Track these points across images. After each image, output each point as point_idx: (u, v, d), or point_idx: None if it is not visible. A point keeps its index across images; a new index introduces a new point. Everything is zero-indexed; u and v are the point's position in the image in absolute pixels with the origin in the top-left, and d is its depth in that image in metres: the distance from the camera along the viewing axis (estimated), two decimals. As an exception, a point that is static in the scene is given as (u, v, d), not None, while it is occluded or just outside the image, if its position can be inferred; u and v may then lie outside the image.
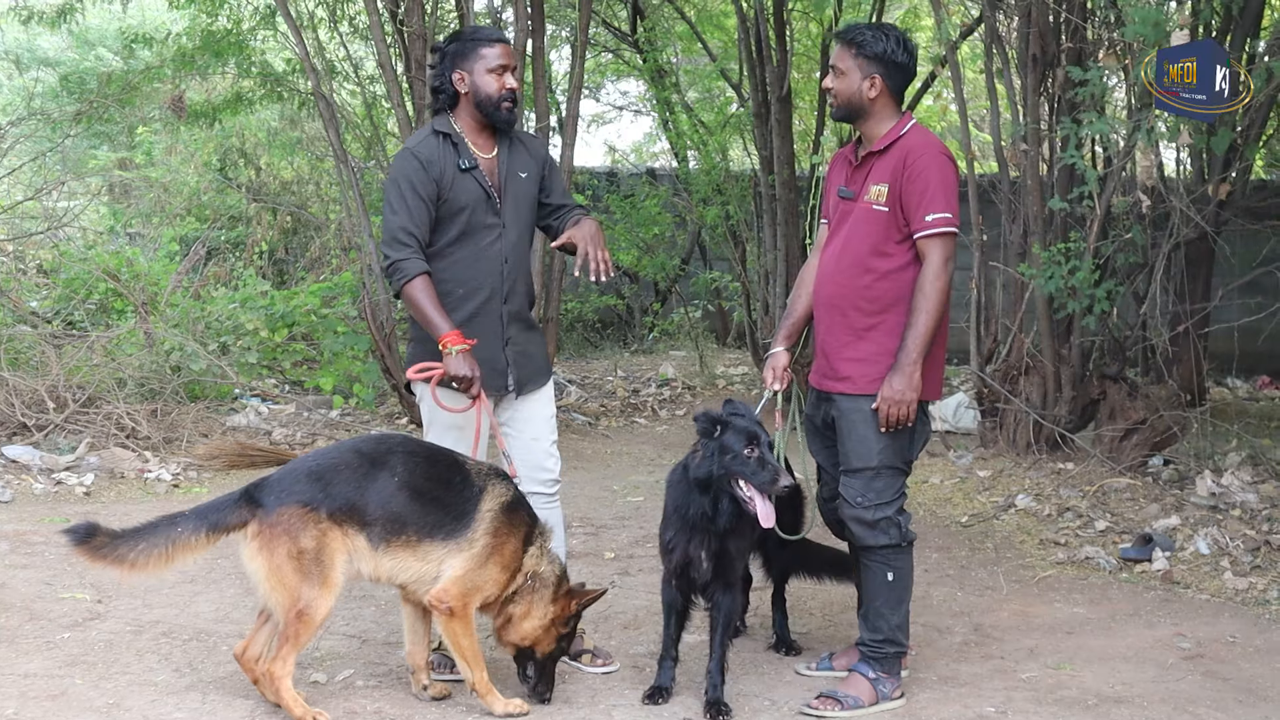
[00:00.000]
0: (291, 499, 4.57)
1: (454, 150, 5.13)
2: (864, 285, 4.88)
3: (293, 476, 4.65)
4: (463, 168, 5.10)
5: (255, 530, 4.55)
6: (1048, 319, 8.72)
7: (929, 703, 4.99)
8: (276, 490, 4.61)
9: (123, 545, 4.51)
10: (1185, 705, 4.98)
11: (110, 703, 4.80)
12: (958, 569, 6.96)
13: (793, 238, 11.69)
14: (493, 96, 5.11)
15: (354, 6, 12.14)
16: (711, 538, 4.88)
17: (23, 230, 13.28)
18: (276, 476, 4.70)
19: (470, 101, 5.14)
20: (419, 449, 4.91)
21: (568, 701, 4.95)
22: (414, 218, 5.03)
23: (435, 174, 5.06)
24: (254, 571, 4.58)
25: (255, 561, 4.56)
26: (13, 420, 9.17)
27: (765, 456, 4.74)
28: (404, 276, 4.98)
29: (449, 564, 4.71)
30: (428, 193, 5.05)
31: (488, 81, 5.10)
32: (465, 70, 5.12)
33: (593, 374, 13.89)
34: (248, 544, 4.57)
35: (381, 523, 4.63)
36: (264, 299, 12.81)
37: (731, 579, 4.96)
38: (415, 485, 4.71)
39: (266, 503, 4.57)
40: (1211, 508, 7.46)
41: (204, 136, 16.04)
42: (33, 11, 12.51)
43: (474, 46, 5.12)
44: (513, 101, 5.16)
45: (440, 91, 5.19)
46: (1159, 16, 6.76)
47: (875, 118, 4.93)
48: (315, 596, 4.54)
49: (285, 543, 4.53)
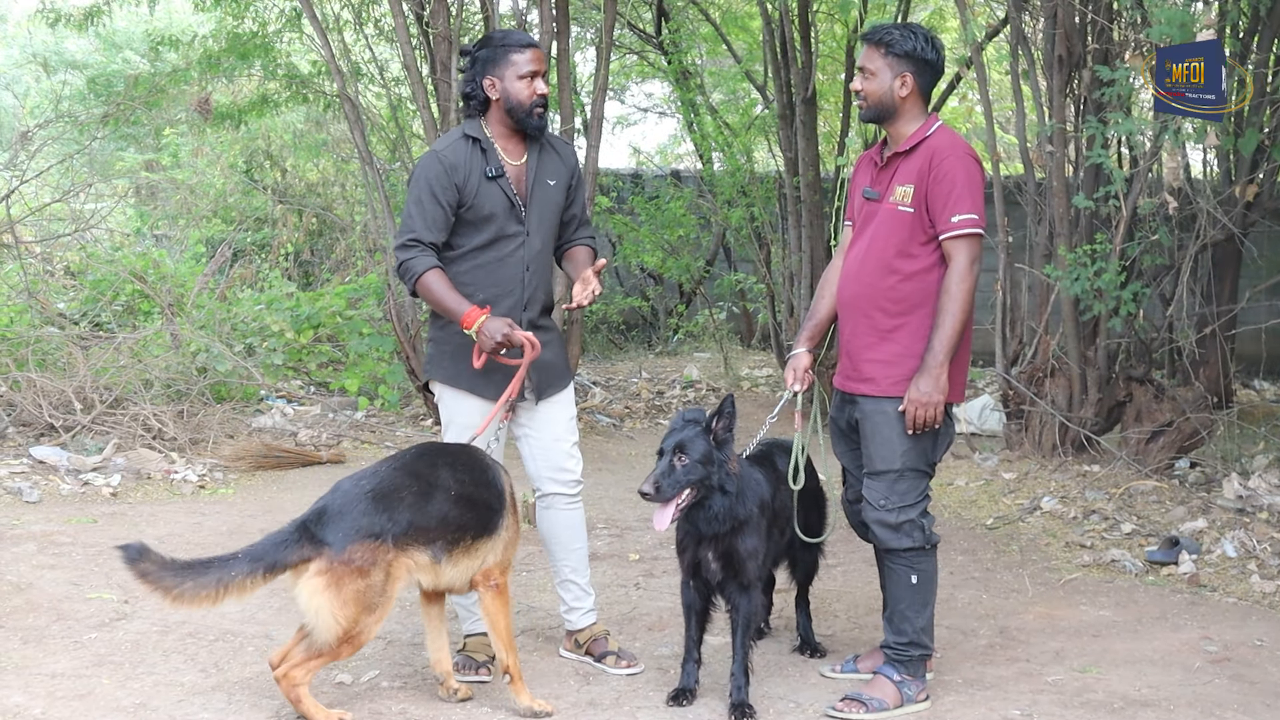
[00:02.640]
0: (360, 534, 4.48)
1: (482, 156, 5.13)
2: (888, 286, 4.87)
3: (354, 506, 4.54)
4: (489, 175, 5.10)
5: (322, 568, 4.43)
6: (1073, 321, 8.69)
7: (954, 705, 4.98)
8: (341, 525, 4.49)
9: (170, 576, 4.38)
10: (1212, 709, 4.96)
11: (137, 703, 4.82)
12: (983, 571, 6.94)
13: (818, 240, 11.67)
14: (524, 103, 5.10)
15: (379, 9, 12.17)
16: (718, 539, 4.89)
17: (51, 232, 13.35)
18: (336, 507, 4.55)
19: (501, 108, 5.14)
20: (457, 453, 4.91)
21: (593, 703, 4.95)
22: (429, 222, 5.05)
23: (459, 179, 5.07)
24: (316, 607, 4.44)
25: (319, 598, 4.43)
26: (40, 421, 9.22)
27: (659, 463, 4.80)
28: (414, 274, 5.01)
29: (494, 551, 4.80)
30: (448, 198, 5.06)
31: (519, 88, 5.09)
32: (496, 76, 5.11)
33: (617, 375, 13.89)
34: (309, 580, 4.44)
35: (444, 536, 4.64)
36: (289, 301, 12.86)
37: (746, 580, 4.93)
38: (465, 492, 4.74)
39: (332, 540, 4.45)
40: (1238, 510, 7.42)
41: (230, 138, 16.12)
42: (60, 14, 12.57)
43: (505, 53, 5.10)
44: (544, 106, 5.15)
45: (471, 97, 5.19)
46: (1185, 17, 6.74)
47: (904, 118, 4.92)
48: (371, 623, 4.53)
49: (355, 580, 4.46)
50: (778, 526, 5.14)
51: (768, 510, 5.02)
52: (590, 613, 5.47)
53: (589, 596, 5.48)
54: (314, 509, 4.59)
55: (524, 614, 6.08)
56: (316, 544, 4.46)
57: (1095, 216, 8.54)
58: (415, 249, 5.03)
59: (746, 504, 4.89)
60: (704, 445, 4.79)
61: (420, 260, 5.01)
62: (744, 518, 4.86)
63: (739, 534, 4.89)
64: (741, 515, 4.86)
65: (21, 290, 11.58)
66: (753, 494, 4.95)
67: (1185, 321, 8.89)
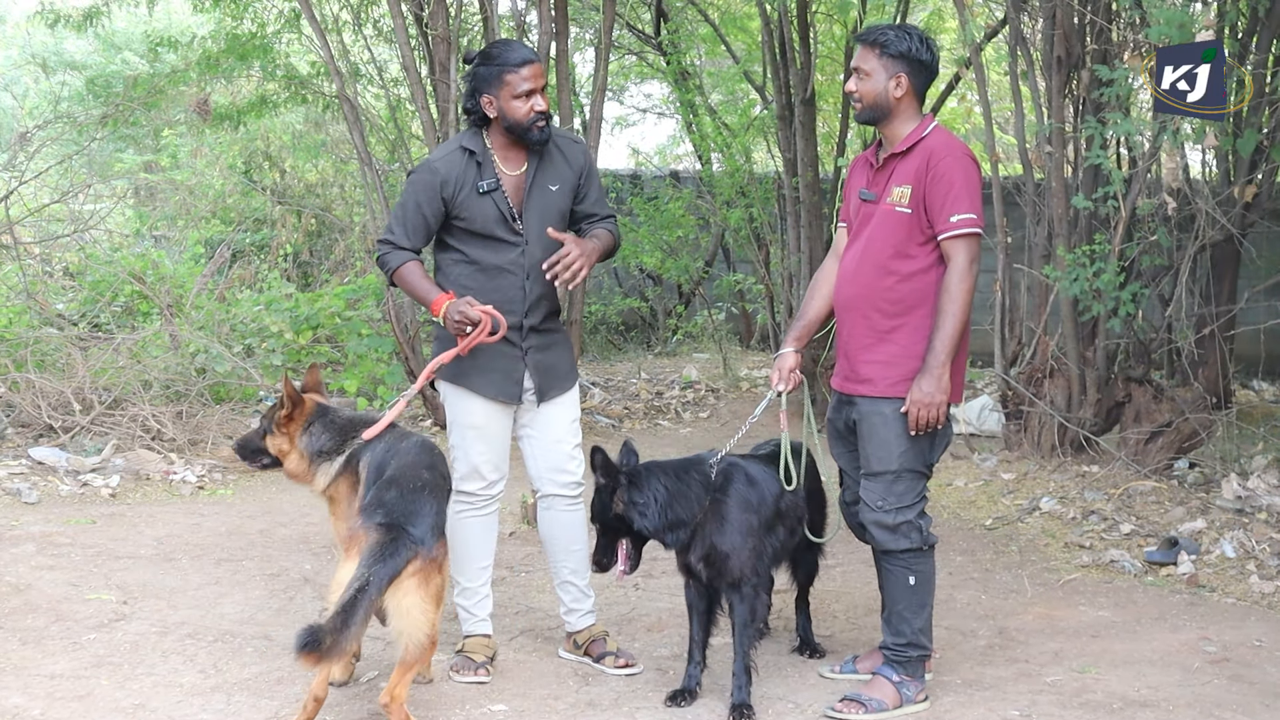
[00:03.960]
0: (438, 531, 4.61)
1: (477, 170, 5.14)
2: (886, 288, 4.86)
3: (423, 502, 4.63)
4: (481, 191, 5.12)
5: (417, 567, 4.46)
6: (1072, 321, 8.69)
7: (953, 706, 4.99)
8: (423, 521, 4.55)
9: (342, 637, 4.23)
10: (1211, 709, 4.96)
11: (136, 704, 4.82)
12: (982, 572, 6.94)
13: (817, 240, 11.66)
14: (522, 122, 5.10)
15: (378, 9, 12.17)
16: (700, 538, 4.93)
17: (49, 233, 13.33)
18: (411, 507, 4.59)
19: (500, 125, 5.15)
20: (432, 447, 5.03)
21: (592, 704, 4.96)
22: (409, 230, 5.16)
23: (448, 194, 5.12)
24: (408, 607, 4.42)
25: (411, 598, 4.43)
26: (39, 422, 9.23)
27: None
28: (390, 268, 5.17)
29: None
30: (432, 209, 5.14)
31: (515, 107, 5.08)
32: (492, 96, 5.10)
33: (616, 376, 13.89)
34: (404, 581, 4.43)
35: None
36: (288, 301, 12.84)
37: (735, 578, 4.93)
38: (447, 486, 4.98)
39: (422, 536, 4.51)
40: (1237, 511, 7.42)
41: (229, 139, 16.11)
42: (59, 15, 12.57)
43: (499, 72, 5.08)
44: (545, 121, 5.14)
45: (471, 113, 5.20)
46: (1184, 18, 6.73)
47: (899, 119, 4.92)
48: (437, 619, 4.58)
49: (437, 575, 4.55)
50: (785, 526, 5.12)
51: (753, 507, 4.99)
52: (589, 614, 5.47)
53: (588, 598, 5.48)
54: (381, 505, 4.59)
55: (523, 614, 6.08)
56: (413, 544, 4.48)
57: (1094, 217, 8.53)
58: (390, 247, 5.17)
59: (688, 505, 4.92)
60: (608, 508, 4.96)
61: (396, 255, 5.15)
62: (685, 520, 4.91)
63: (716, 533, 4.91)
64: (685, 516, 4.90)
65: (20, 291, 11.57)
66: (736, 496, 4.97)
67: (1184, 322, 8.88)
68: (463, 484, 5.27)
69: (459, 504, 5.26)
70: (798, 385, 5.17)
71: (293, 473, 5.17)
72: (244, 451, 5.31)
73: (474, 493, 5.29)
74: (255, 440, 5.26)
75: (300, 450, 5.11)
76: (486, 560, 5.38)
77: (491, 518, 5.37)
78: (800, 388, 5.24)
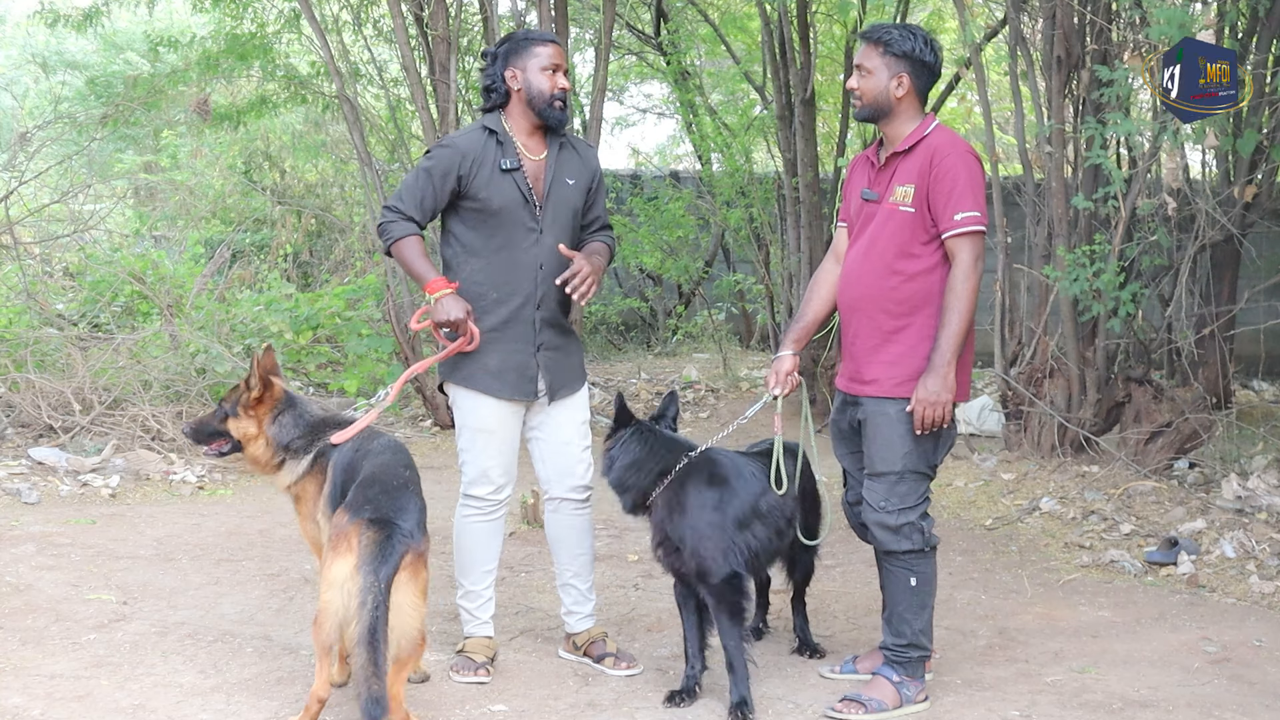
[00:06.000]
0: (423, 526, 4.57)
1: (498, 149, 5.12)
2: (891, 288, 4.85)
3: (408, 498, 4.59)
4: (503, 168, 5.09)
5: (409, 560, 4.43)
6: (1072, 322, 8.69)
7: (953, 706, 4.98)
8: (410, 516, 4.50)
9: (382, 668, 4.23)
10: (1211, 709, 4.95)
11: (136, 704, 4.82)
12: (982, 572, 6.94)
13: (817, 240, 11.67)
14: (545, 93, 5.10)
15: (378, 9, 12.17)
16: (655, 523, 5.00)
17: (49, 233, 13.35)
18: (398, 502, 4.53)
19: (522, 99, 5.14)
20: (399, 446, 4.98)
21: (592, 704, 4.95)
22: (417, 199, 5.08)
23: (466, 169, 5.06)
24: (399, 602, 4.38)
25: (403, 592, 4.39)
26: (39, 422, 9.23)
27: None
28: (392, 237, 5.08)
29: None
30: (446, 183, 5.08)
31: (540, 79, 5.10)
32: (518, 68, 5.12)
33: (616, 376, 13.89)
34: (398, 575, 4.39)
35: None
36: (288, 302, 12.85)
37: (694, 570, 4.88)
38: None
39: (411, 530, 4.46)
40: (1237, 511, 7.43)
41: (229, 140, 16.12)
42: (59, 15, 12.57)
43: (527, 45, 5.12)
44: (564, 101, 5.16)
45: (492, 90, 5.19)
46: (1184, 17, 6.73)
47: (900, 118, 4.91)
48: (425, 613, 4.56)
49: (424, 570, 4.52)
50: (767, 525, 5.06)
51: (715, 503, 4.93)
52: (589, 617, 5.45)
53: (589, 601, 5.46)
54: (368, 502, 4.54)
55: (523, 615, 6.08)
56: (404, 538, 4.44)
57: (1094, 217, 8.54)
58: (397, 214, 5.09)
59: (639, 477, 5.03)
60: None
61: (400, 225, 5.07)
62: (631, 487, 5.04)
63: (668, 521, 4.94)
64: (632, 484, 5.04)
65: (20, 291, 11.57)
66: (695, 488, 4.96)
67: (1184, 322, 8.89)
68: (470, 488, 5.24)
69: (466, 508, 5.25)
70: (795, 388, 5.15)
71: (255, 459, 5.02)
72: (199, 435, 5.10)
73: (482, 498, 5.24)
74: (213, 423, 5.05)
75: (268, 438, 4.97)
76: (491, 564, 5.34)
77: (498, 523, 5.31)
78: (798, 390, 5.23)
